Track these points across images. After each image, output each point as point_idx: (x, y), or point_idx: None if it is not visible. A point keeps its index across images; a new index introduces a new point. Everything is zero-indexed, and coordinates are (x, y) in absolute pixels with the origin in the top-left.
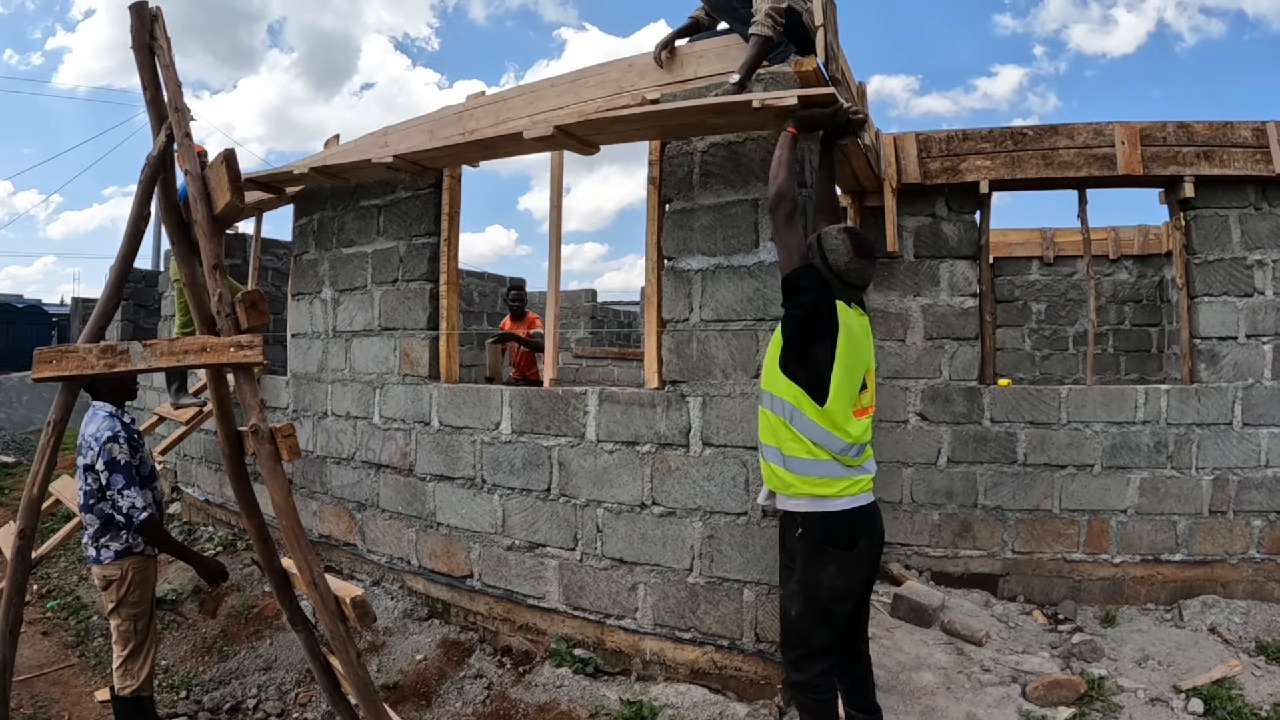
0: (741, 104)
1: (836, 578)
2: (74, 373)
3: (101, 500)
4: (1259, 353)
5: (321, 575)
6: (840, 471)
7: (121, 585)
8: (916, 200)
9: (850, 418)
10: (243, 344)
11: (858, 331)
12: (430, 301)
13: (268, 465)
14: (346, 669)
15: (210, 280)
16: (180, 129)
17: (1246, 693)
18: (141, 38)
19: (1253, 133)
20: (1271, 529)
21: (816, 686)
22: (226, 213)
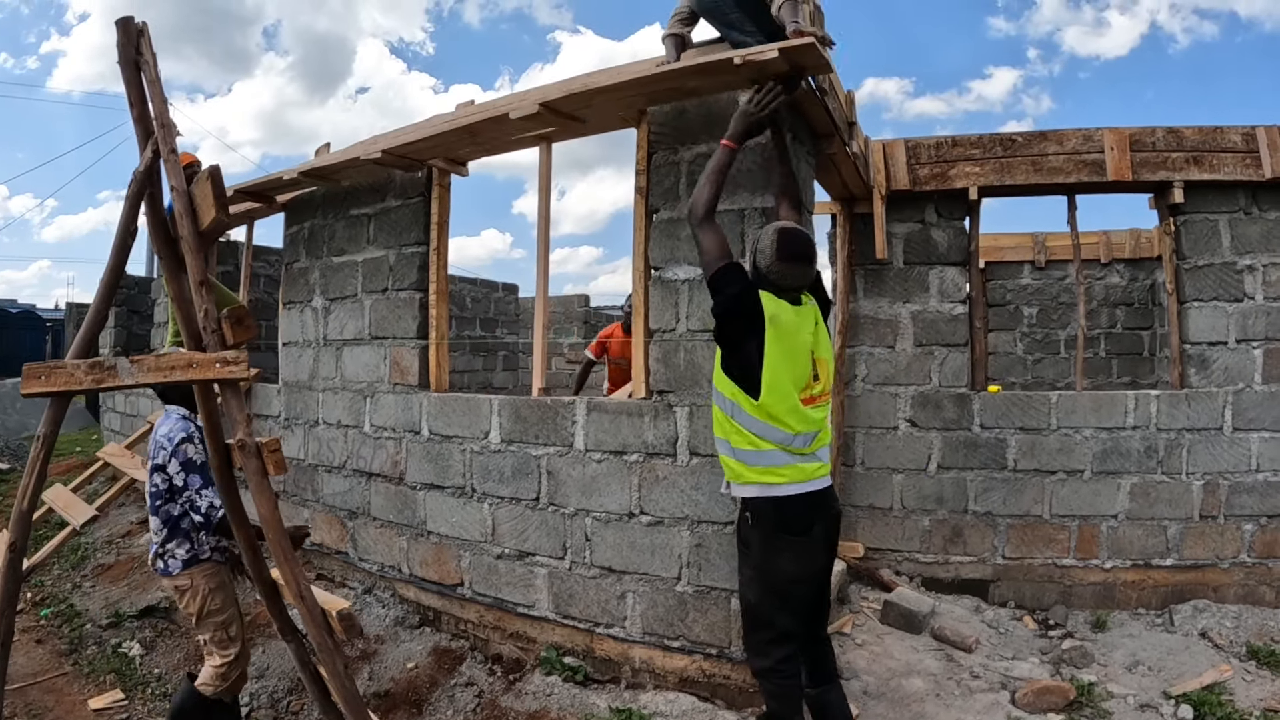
0: (724, 62)
1: (792, 563)
2: (62, 388)
3: (169, 501)
4: (1249, 357)
5: (308, 587)
6: (787, 460)
7: (195, 595)
8: (906, 207)
9: (795, 408)
10: (229, 360)
11: (791, 323)
12: (420, 310)
13: (255, 479)
14: (333, 680)
15: (196, 296)
16: (166, 145)
17: (1237, 698)
18: (128, 53)
19: (1242, 137)
20: (1263, 533)
21: (780, 671)
22: (212, 228)
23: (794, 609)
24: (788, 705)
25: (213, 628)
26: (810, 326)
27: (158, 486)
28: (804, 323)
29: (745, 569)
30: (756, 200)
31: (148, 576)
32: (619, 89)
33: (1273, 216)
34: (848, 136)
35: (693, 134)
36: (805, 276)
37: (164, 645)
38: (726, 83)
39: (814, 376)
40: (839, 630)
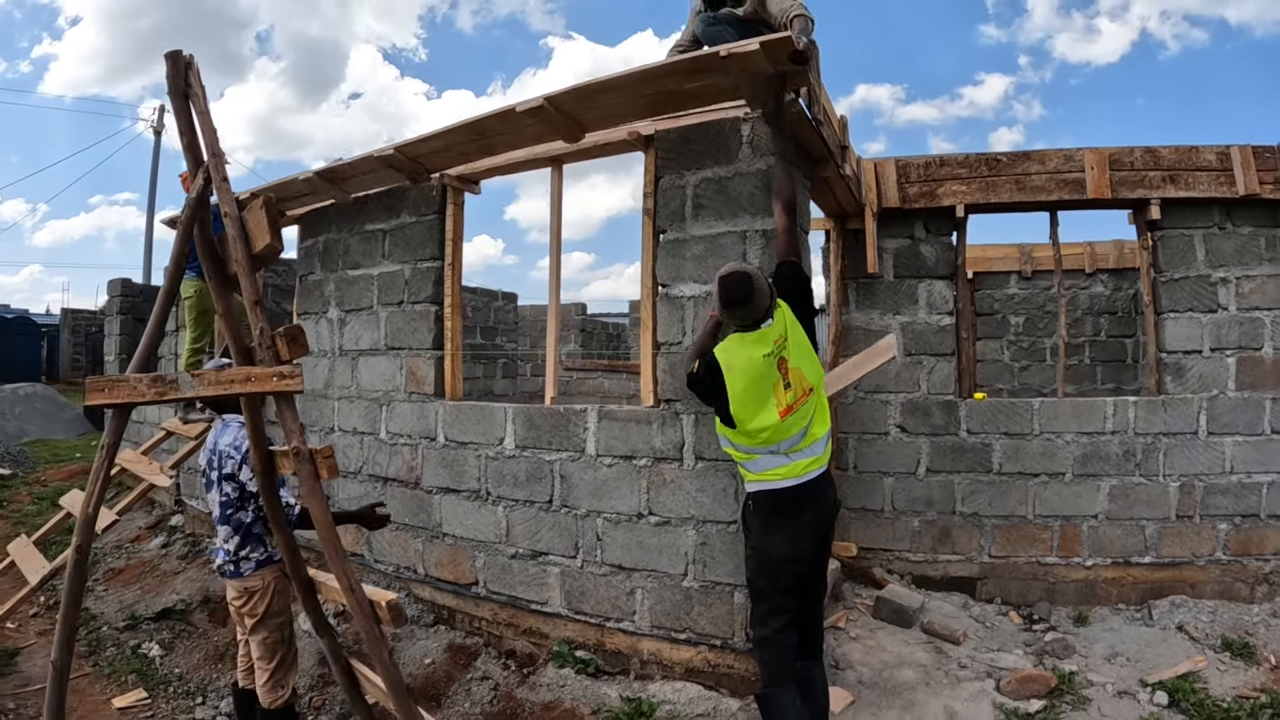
0: (711, 56)
1: (784, 544)
2: (125, 400)
3: (240, 509)
4: (1223, 365)
5: (358, 582)
6: (780, 461)
7: (265, 596)
8: (896, 223)
9: (768, 426)
10: (284, 374)
11: (746, 358)
12: (435, 323)
13: (308, 484)
14: (380, 668)
15: (251, 315)
16: (218, 173)
17: (1211, 686)
18: (178, 85)
19: (1217, 156)
20: (1237, 532)
21: (776, 640)
22: (265, 253)
23: (787, 586)
24: (779, 673)
25: (272, 628)
26: (767, 347)
27: (228, 495)
28: (761, 346)
29: (747, 548)
30: (757, 223)
31: (160, 580)
32: (619, 88)
33: (1246, 231)
34: (841, 160)
35: (698, 159)
36: (752, 314)
37: (183, 646)
38: (717, 86)
39: (785, 385)
40: (834, 625)
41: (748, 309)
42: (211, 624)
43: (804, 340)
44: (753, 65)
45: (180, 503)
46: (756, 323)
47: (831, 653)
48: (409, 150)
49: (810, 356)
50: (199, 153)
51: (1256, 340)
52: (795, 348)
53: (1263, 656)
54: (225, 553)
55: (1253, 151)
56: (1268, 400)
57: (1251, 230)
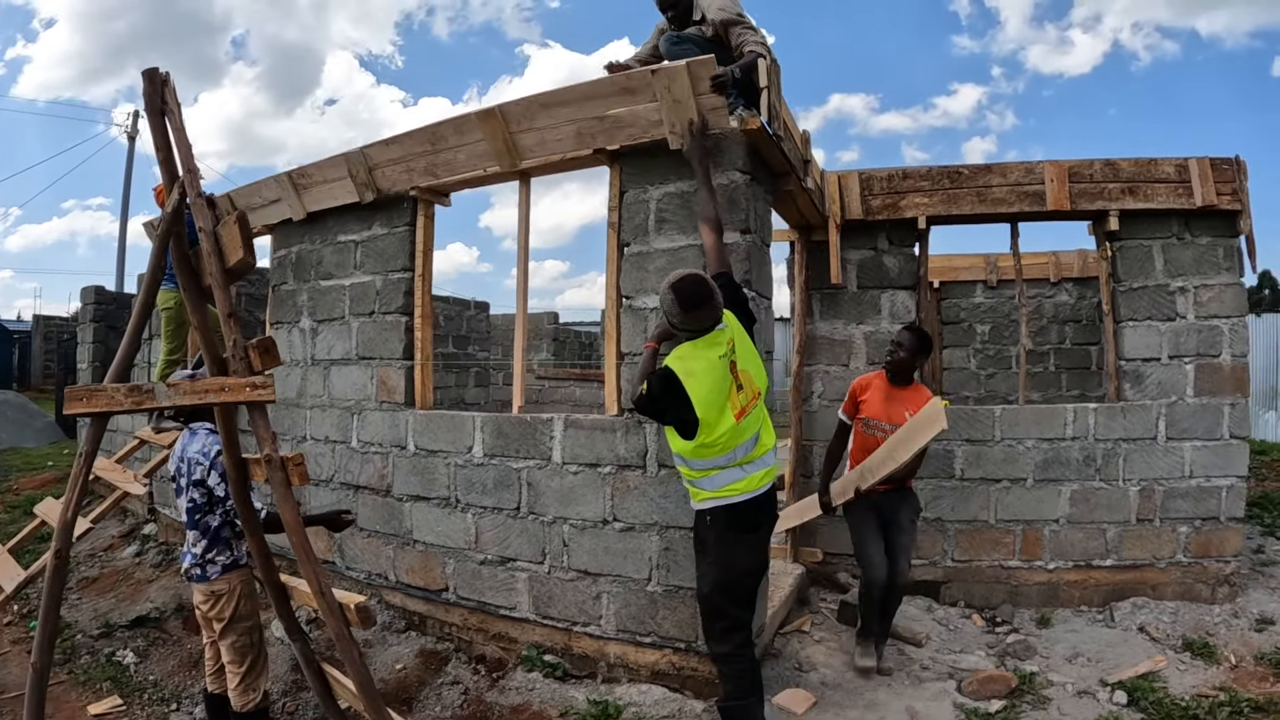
0: (641, 75)
1: (745, 557)
2: (104, 409)
3: (208, 513)
4: (1181, 372)
5: (329, 585)
6: (737, 475)
7: (231, 599)
8: (859, 234)
9: (729, 429)
10: (257, 384)
11: (703, 360)
12: (406, 333)
13: (280, 490)
14: (352, 669)
15: (225, 327)
16: (193, 189)
17: (1170, 685)
18: (154, 102)
19: (1175, 168)
20: (1197, 534)
21: (740, 655)
22: (238, 267)
23: (748, 599)
24: (745, 685)
25: (240, 631)
26: (721, 349)
27: (195, 501)
28: (714, 349)
29: (702, 565)
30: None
31: (134, 588)
32: (566, 100)
33: (1204, 242)
34: (803, 173)
35: (661, 174)
36: (712, 315)
37: (157, 653)
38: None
39: (737, 388)
40: (798, 629)
41: (708, 310)
42: (186, 631)
43: (750, 345)
44: (678, 86)
45: (153, 511)
46: (708, 328)
47: (795, 655)
48: (372, 156)
49: (757, 361)
50: (175, 168)
51: (1215, 348)
52: (743, 351)
53: (1223, 656)
54: (192, 556)
55: (1210, 164)
56: (1226, 406)
57: (1210, 240)
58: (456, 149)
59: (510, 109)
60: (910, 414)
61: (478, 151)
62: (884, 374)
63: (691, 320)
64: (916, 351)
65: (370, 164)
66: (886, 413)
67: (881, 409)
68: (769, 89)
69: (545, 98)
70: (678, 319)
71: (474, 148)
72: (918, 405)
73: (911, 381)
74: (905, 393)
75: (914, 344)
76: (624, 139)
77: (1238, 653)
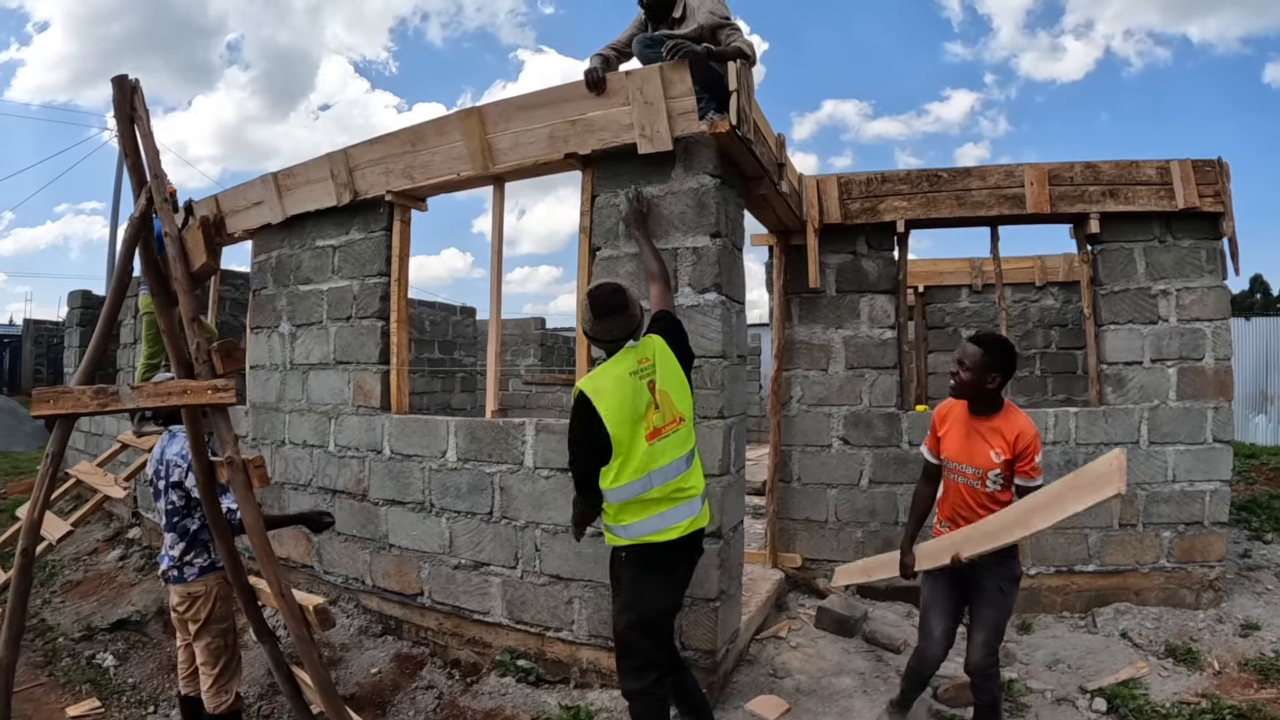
0: (616, 78)
1: (661, 598)
2: (70, 411)
3: (187, 516)
4: (1164, 376)
5: (288, 587)
6: (656, 525)
7: (208, 601)
8: (838, 239)
9: (643, 453)
10: (219, 387)
11: (612, 377)
12: (382, 338)
13: (241, 492)
14: (310, 669)
15: (189, 331)
16: (159, 194)
17: (1152, 692)
18: (123, 108)
19: (1157, 170)
20: (1181, 539)
21: (650, 694)
22: (202, 272)
23: (661, 638)
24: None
25: (215, 634)
26: (632, 365)
27: (174, 503)
28: (623, 365)
29: (618, 601)
30: (688, 241)
31: (117, 591)
32: (542, 103)
33: (1186, 244)
34: (777, 177)
35: (632, 178)
36: (625, 326)
37: (137, 656)
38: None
39: (654, 407)
40: (775, 634)
41: (622, 319)
42: (166, 635)
43: (679, 373)
44: (650, 88)
45: (138, 515)
46: (622, 341)
47: (771, 661)
48: (355, 156)
49: (684, 389)
50: (143, 174)
51: (1198, 351)
52: (666, 374)
53: (1206, 662)
54: (170, 558)
55: (1193, 165)
56: (1209, 410)
57: (1192, 243)
58: (434, 150)
59: (489, 110)
60: (997, 451)
61: (454, 154)
62: (963, 403)
63: (601, 328)
64: (988, 368)
65: (351, 165)
66: (967, 452)
67: (960, 447)
68: (739, 92)
69: (523, 100)
70: (589, 325)
71: (450, 149)
72: (1007, 438)
73: (999, 407)
74: (991, 422)
75: (979, 359)
76: (595, 143)
77: (1221, 658)
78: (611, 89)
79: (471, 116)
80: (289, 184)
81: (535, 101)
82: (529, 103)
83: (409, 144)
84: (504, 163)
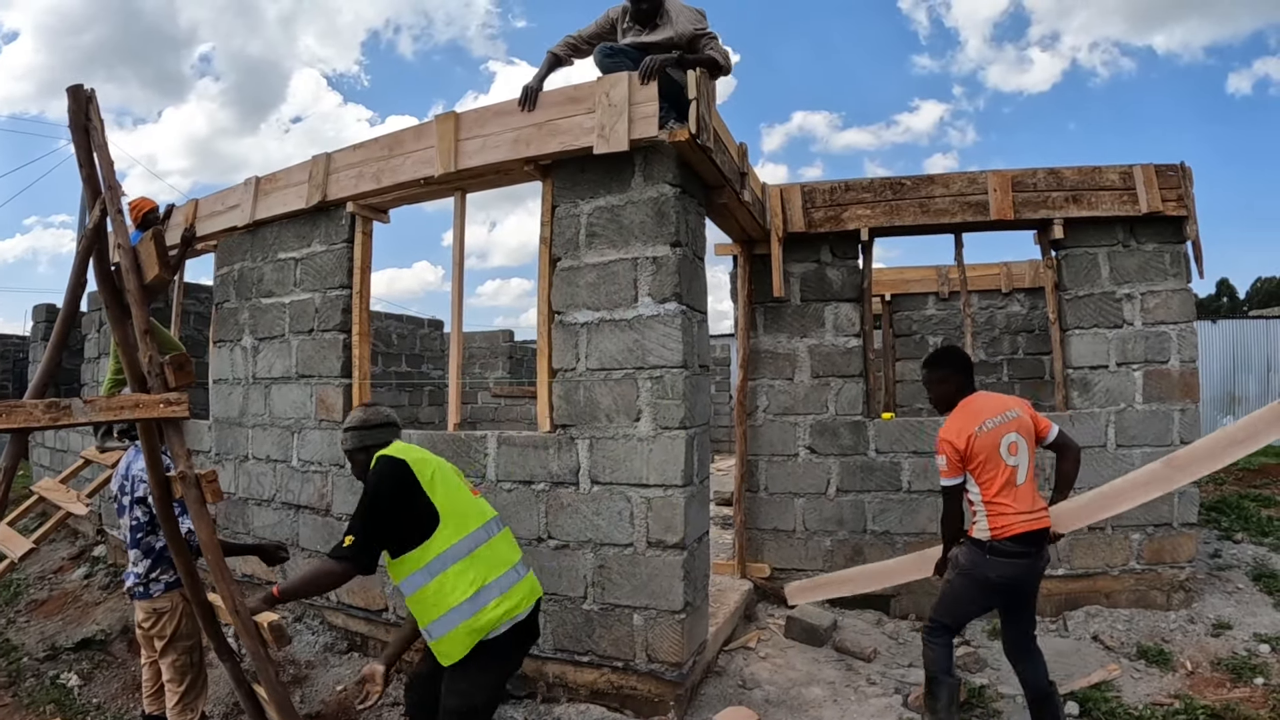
0: (587, 86)
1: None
2: (21, 425)
3: (151, 533)
4: (1130, 379)
5: (243, 604)
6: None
7: (174, 617)
8: (802, 248)
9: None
10: (171, 401)
11: (419, 450)
12: (344, 351)
13: (194, 507)
14: (267, 687)
15: (141, 343)
16: (113, 205)
17: (1124, 694)
18: (78, 119)
19: (1120, 175)
20: (1150, 541)
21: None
22: (155, 284)
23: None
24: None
25: (180, 650)
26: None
27: (138, 520)
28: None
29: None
30: (648, 250)
31: (82, 610)
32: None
33: (1149, 248)
34: (739, 186)
35: (592, 188)
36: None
37: (102, 676)
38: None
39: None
40: (744, 645)
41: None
42: (131, 654)
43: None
44: (617, 93)
45: (102, 532)
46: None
47: (740, 672)
48: (336, 160)
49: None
50: (98, 186)
51: (1163, 354)
52: None
53: (1179, 662)
54: (136, 575)
55: (1155, 170)
56: (1176, 412)
57: (1155, 247)
58: (407, 155)
59: (466, 115)
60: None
61: (423, 159)
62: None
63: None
64: (933, 382)
65: (331, 168)
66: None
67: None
68: (698, 100)
69: (500, 106)
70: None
71: (422, 155)
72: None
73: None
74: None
75: (926, 377)
76: (555, 145)
77: (1194, 659)
78: (584, 95)
79: (449, 120)
80: (269, 188)
81: (510, 108)
82: (505, 108)
83: (387, 148)
84: (467, 165)
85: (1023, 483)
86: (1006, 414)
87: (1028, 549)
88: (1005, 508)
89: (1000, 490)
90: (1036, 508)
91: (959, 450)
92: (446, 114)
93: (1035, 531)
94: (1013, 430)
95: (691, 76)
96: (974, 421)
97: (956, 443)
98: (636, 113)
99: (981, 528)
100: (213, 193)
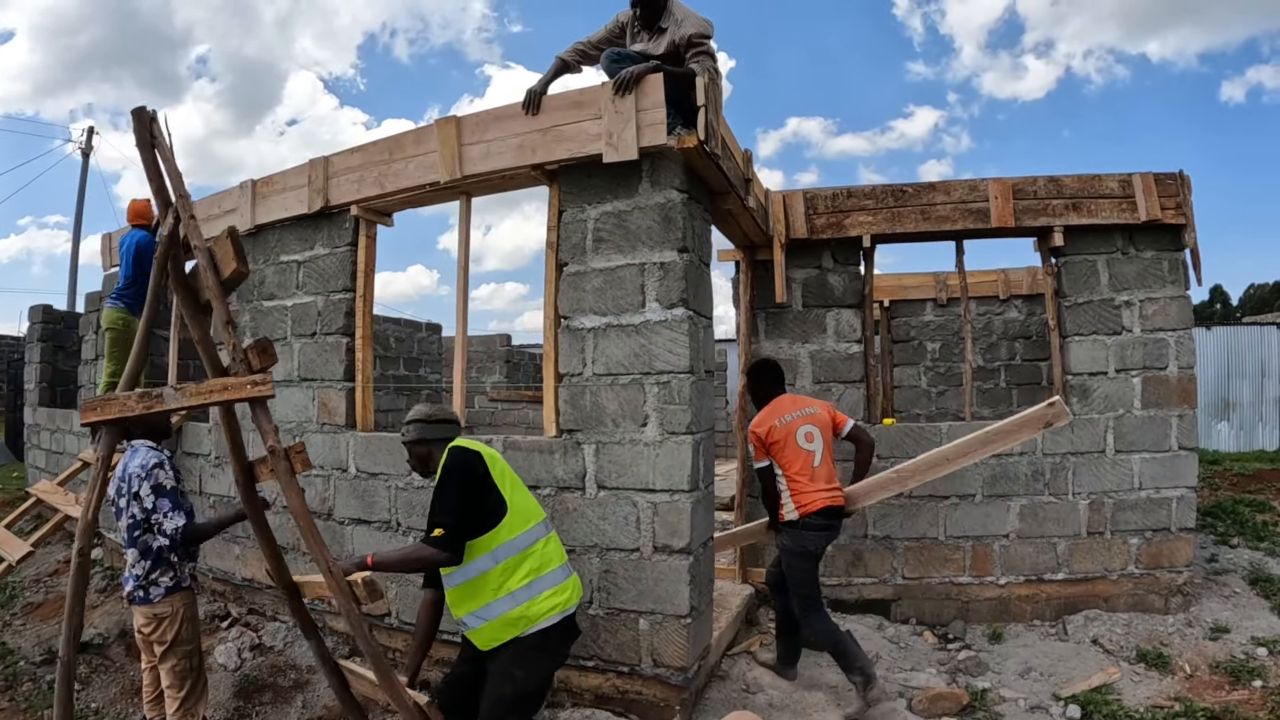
0: (592, 90)
1: (547, 680)
2: (117, 416)
3: (146, 531)
4: (1129, 385)
5: (335, 564)
6: (547, 584)
7: (174, 622)
8: (804, 254)
9: (524, 494)
10: (257, 381)
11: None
12: (347, 354)
13: (285, 478)
14: (361, 642)
15: (225, 333)
16: (186, 212)
17: (1124, 697)
18: (144, 137)
19: (1119, 183)
20: (1148, 545)
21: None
22: (233, 278)
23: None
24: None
25: (181, 655)
26: None
27: (135, 517)
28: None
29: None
30: (655, 256)
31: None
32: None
33: (1148, 255)
34: (744, 192)
35: (599, 193)
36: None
37: (99, 680)
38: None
39: None
40: (747, 650)
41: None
42: (128, 658)
43: None
44: (624, 98)
45: (99, 535)
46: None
47: (743, 677)
48: (335, 164)
49: None
50: (168, 196)
51: (1161, 360)
52: None
53: (1178, 665)
54: (135, 579)
55: (1154, 178)
56: (1174, 418)
57: (1154, 254)
58: (409, 160)
59: (467, 120)
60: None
61: (426, 164)
62: None
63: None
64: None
65: (330, 172)
66: None
67: None
68: (706, 107)
69: (500, 111)
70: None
71: (424, 160)
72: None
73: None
74: None
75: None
76: (562, 152)
77: (1192, 662)
78: (589, 100)
79: (450, 124)
80: (266, 191)
81: (512, 112)
82: (506, 113)
83: (386, 152)
84: (473, 171)
85: (819, 465)
86: (804, 410)
87: (830, 521)
88: (804, 485)
89: (799, 470)
90: (832, 486)
91: (761, 438)
92: (446, 118)
93: (833, 507)
94: (809, 423)
95: (700, 83)
96: (774, 416)
97: (759, 431)
98: (644, 119)
99: (790, 509)
100: (208, 195)
